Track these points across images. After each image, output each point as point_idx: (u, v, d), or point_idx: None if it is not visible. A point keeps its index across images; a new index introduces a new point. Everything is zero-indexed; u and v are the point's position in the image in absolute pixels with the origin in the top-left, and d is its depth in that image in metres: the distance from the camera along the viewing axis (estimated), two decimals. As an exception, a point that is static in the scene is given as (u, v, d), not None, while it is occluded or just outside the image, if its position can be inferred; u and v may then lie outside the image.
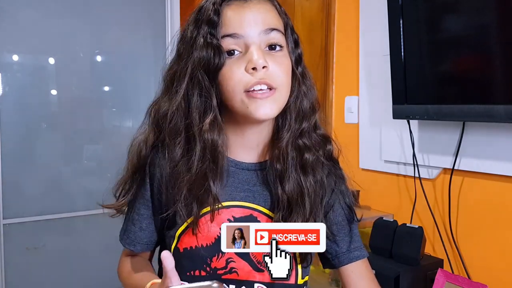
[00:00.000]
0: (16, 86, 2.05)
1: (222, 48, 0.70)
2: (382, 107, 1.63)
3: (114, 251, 0.82)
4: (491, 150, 1.31)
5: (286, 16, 0.77)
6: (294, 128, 0.77)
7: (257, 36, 0.70)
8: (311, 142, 0.78)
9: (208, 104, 0.72)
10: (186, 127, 0.74)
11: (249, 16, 0.71)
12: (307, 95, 0.78)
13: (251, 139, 0.79)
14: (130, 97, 2.27)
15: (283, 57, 0.73)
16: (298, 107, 0.77)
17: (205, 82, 0.72)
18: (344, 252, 0.83)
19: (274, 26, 0.72)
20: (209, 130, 0.72)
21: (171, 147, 0.74)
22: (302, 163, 0.76)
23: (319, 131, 0.81)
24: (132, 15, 2.25)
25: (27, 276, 2.08)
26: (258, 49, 0.70)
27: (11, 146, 2.00)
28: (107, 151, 2.25)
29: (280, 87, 0.72)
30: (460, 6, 1.27)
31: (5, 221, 2.01)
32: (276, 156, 0.77)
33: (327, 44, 1.95)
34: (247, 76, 0.69)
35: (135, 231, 0.82)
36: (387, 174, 1.68)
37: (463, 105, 1.27)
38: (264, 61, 0.69)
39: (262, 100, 0.70)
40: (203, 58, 0.71)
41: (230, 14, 0.71)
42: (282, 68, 0.72)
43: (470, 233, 1.40)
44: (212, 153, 0.72)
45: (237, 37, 0.70)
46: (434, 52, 1.35)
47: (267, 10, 0.73)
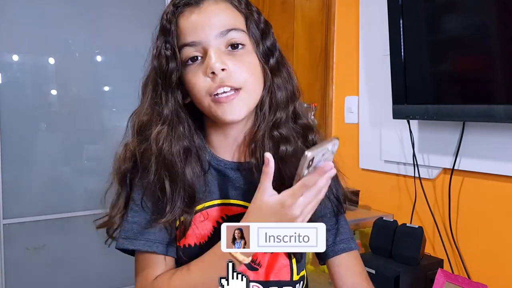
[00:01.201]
0: (16, 86, 2.05)
1: (175, 55, 0.71)
2: (382, 107, 1.63)
3: (114, 251, 0.81)
4: (491, 150, 1.31)
5: (247, 10, 0.75)
6: (268, 119, 0.76)
7: (214, 39, 0.70)
8: (289, 132, 0.77)
9: (160, 113, 0.73)
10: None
11: (203, 21, 0.70)
12: (282, 87, 0.77)
13: (232, 137, 0.78)
14: (130, 97, 2.26)
15: (245, 55, 0.72)
16: (272, 100, 0.76)
17: (161, 91, 0.73)
18: (330, 245, 0.81)
19: (230, 26, 0.71)
20: (155, 139, 0.71)
21: (145, 157, 0.74)
22: (279, 154, 0.74)
23: (300, 120, 0.79)
24: (132, 15, 2.25)
25: (27, 276, 2.08)
26: (216, 52, 0.69)
27: (11, 146, 2.00)
28: (107, 151, 2.23)
29: (245, 85, 0.71)
30: (460, 6, 1.27)
31: (5, 221, 2.01)
32: (252, 150, 0.76)
33: (327, 44, 1.95)
34: (208, 81, 0.70)
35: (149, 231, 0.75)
36: (387, 174, 1.68)
37: (463, 105, 1.27)
38: (222, 63, 0.69)
39: (228, 103, 0.70)
40: (157, 67, 0.73)
41: (184, 23, 0.71)
42: (244, 67, 0.71)
43: (470, 233, 1.40)
44: (162, 162, 0.71)
45: (195, 44, 0.70)
46: (434, 52, 1.35)
47: (221, 10, 0.72)
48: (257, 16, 0.76)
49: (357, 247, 0.85)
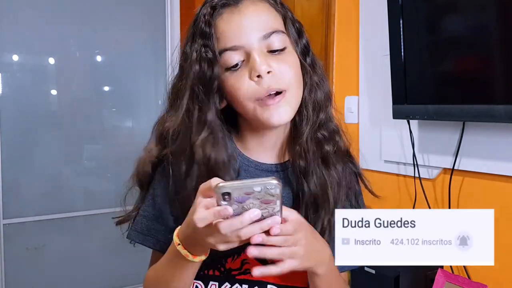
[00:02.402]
0: (16, 86, 2.05)
1: (217, 59, 0.69)
2: (382, 107, 1.63)
3: (114, 251, 0.81)
4: (491, 150, 1.31)
5: (283, 8, 0.74)
6: (312, 120, 0.75)
7: (257, 42, 0.68)
8: (329, 134, 0.76)
9: (203, 120, 0.71)
10: (190, 142, 0.72)
11: (245, 24, 0.68)
12: (320, 85, 0.76)
13: (270, 140, 0.78)
14: (130, 97, 2.27)
15: (288, 56, 0.71)
16: (313, 99, 0.75)
17: (202, 97, 0.71)
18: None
19: (272, 28, 0.70)
20: (201, 146, 0.70)
21: (176, 164, 0.73)
22: (322, 156, 0.74)
23: (331, 123, 0.79)
24: (132, 15, 2.25)
25: (27, 276, 2.08)
26: (260, 54, 0.68)
27: (11, 146, 2.00)
28: (107, 151, 2.25)
29: (290, 87, 0.70)
30: (460, 6, 1.27)
31: (5, 221, 2.01)
32: (298, 153, 0.74)
33: (327, 44, 1.95)
34: (253, 85, 0.68)
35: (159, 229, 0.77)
36: (387, 174, 1.68)
37: (463, 105, 1.27)
38: (268, 66, 0.67)
39: (274, 105, 0.69)
40: (198, 72, 0.70)
41: (224, 26, 0.69)
42: (288, 68, 0.70)
43: (470, 233, 1.40)
44: (208, 170, 0.70)
45: (237, 48, 0.68)
46: (434, 52, 1.35)
47: (262, 11, 0.70)
48: (291, 15, 0.75)
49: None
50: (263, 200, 0.56)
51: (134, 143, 0.78)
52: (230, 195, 0.55)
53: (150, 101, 2.28)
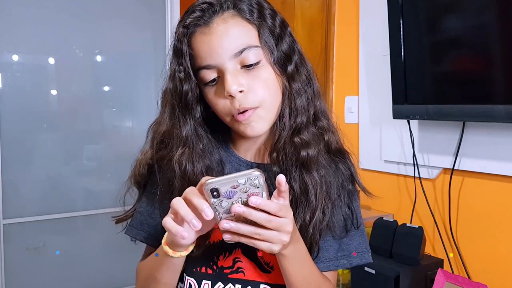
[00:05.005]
0: (16, 86, 2.05)
1: (190, 77, 0.71)
2: (382, 107, 1.63)
3: (114, 251, 0.82)
4: (491, 150, 1.31)
5: (259, 18, 0.72)
6: (288, 126, 0.75)
7: (229, 61, 0.69)
8: (310, 137, 0.75)
9: (180, 135, 0.74)
10: (170, 155, 0.75)
11: (215, 44, 0.69)
12: (301, 91, 0.75)
13: (254, 142, 0.80)
14: (130, 97, 2.27)
15: (261, 70, 0.71)
16: (290, 106, 0.75)
17: (178, 113, 0.74)
18: (331, 258, 0.79)
19: (243, 44, 0.69)
20: (177, 161, 0.73)
21: (163, 171, 0.76)
22: (301, 160, 0.74)
23: (321, 122, 0.78)
24: (132, 15, 2.25)
25: (27, 276, 2.07)
26: (232, 73, 0.69)
27: (11, 146, 2.00)
28: (107, 151, 2.24)
29: (263, 103, 0.71)
30: (460, 6, 1.27)
31: (5, 221, 2.01)
32: (274, 158, 0.75)
33: (327, 44, 1.95)
34: (228, 103, 0.71)
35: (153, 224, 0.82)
36: (387, 174, 1.68)
37: (463, 105, 1.27)
38: (238, 85, 0.69)
39: (246, 120, 0.71)
40: (172, 89, 0.74)
41: (197, 45, 0.70)
42: (261, 84, 0.71)
43: (470, 233, 1.40)
44: (189, 182, 0.72)
45: (210, 67, 0.70)
46: (434, 52, 1.35)
47: (233, 28, 0.69)
48: (271, 22, 0.73)
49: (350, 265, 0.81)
50: (249, 194, 0.58)
51: (134, 143, 0.79)
52: (218, 191, 0.57)
53: (150, 101, 2.27)
